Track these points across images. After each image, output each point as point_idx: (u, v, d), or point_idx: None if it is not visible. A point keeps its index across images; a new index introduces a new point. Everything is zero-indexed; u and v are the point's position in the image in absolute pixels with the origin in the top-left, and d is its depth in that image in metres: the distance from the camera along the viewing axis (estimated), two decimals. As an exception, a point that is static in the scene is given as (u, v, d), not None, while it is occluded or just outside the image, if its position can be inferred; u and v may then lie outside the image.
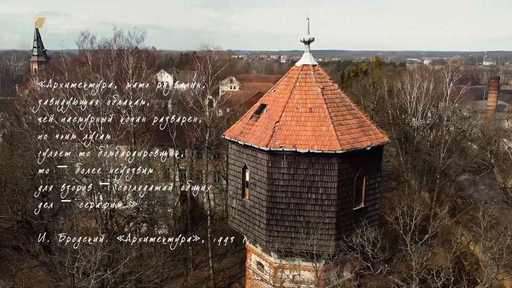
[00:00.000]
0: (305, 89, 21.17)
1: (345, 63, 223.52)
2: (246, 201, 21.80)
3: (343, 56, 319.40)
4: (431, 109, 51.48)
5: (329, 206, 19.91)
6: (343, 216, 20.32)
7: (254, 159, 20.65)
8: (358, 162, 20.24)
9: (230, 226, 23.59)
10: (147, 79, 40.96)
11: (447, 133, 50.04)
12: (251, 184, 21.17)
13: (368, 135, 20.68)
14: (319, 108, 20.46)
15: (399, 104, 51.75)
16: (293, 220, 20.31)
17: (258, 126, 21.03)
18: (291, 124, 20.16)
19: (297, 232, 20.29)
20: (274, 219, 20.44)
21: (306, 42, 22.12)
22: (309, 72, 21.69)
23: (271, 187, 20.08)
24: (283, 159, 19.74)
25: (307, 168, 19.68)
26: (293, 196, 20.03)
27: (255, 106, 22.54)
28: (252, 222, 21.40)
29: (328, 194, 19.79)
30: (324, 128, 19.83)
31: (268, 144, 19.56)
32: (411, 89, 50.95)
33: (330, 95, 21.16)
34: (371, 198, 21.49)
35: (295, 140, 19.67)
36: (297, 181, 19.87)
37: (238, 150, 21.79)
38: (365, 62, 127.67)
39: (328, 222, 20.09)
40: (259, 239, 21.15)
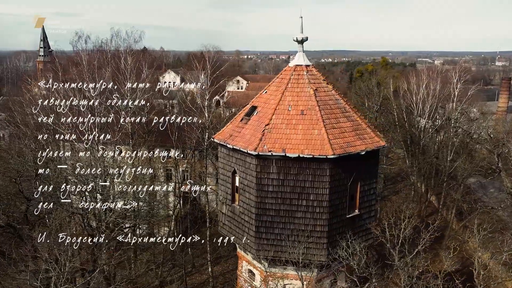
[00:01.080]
0: (297, 90, 20.27)
1: (354, 64, 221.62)
2: (235, 207, 20.97)
3: (353, 56, 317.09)
4: (438, 110, 50.12)
5: (321, 214, 18.98)
6: (336, 224, 19.37)
7: (243, 163, 19.81)
8: (351, 167, 19.28)
9: (220, 232, 22.75)
10: (147, 79, 40.48)
11: (454, 135, 48.66)
12: (241, 189, 20.33)
13: (362, 139, 19.70)
14: (311, 110, 19.54)
15: (405, 105, 50.47)
16: (283, 228, 19.42)
17: (247, 129, 20.18)
18: (281, 127, 19.28)
19: (287, 240, 19.39)
20: (263, 226, 19.57)
21: (299, 41, 21.22)
22: (302, 73, 20.78)
23: (260, 192, 19.21)
24: (272, 164, 18.87)
25: (297, 173, 18.78)
26: (283, 203, 19.14)
27: (246, 108, 21.71)
28: (242, 229, 20.56)
29: (319, 200, 18.86)
30: (316, 132, 18.91)
31: (256, 148, 18.70)
32: (418, 90, 49.66)
33: (323, 97, 20.23)
34: (366, 205, 20.50)
35: (285, 144, 18.77)
36: (287, 187, 18.98)
37: (227, 154, 20.97)
38: (371, 62, 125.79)
39: (320, 230, 19.16)
40: (249, 246, 20.30)
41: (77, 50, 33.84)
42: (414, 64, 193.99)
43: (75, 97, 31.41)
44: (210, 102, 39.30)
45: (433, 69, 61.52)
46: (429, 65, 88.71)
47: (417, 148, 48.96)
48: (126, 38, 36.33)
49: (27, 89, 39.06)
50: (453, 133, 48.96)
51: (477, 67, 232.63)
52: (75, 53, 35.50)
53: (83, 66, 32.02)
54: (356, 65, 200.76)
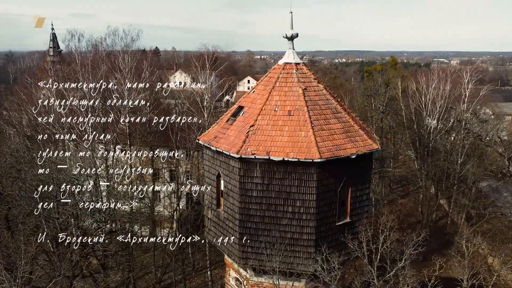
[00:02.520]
0: (285, 90, 19.13)
1: (368, 64, 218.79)
2: (220, 212, 19.93)
3: (367, 56, 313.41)
4: (448, 111, 48.36)
5: (308, 221, 17.81)
6: (324, 232, 18.18)
7: (227, 166, 18.77)
8: (341, 171, 18.06)
9: (206, 238, 21.75)
10: (148, 79, 39.88)
11: (464, 137, 46.90)
12: (225, 194, 19.29)
13: (354, 141, 18.47)
14: (299, 111, 18.39)
15: (414, 106, 48.83)
16: (269, 235, 18.30)
17: (232, 130, 19.13)
18: (266, 129, 18.16)
19: (273, 248, 18.27)
20: (247, 233, 18.48)
21: (289, 38, 20.08)
22: (291, 71, 19.64)
23: (244, 198, 18.13)
24: (256, 168, 17.77)
25: (282, 177, 17.64)
26: (268, 209, 18.02)
27: (232, 108, 20.67)
28: (226, 235, 19.51)
29: (306, 207, 17.69)
30: (303, 134, 17.75)
31: (239, 150, 17.63)
32: (427, 90, 48.00)
33: (313, 96, 19.05)
34: (358, 212, 19.24)
35: (270, 146, 17.66)
36: (272, 192, 17.85)
37: (212, 156, 19.95)
38: (380, 62, 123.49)
39: (307, 239, 17.99)
40: (233, 254, 19.25)
41: (69, 49, 33.25)
42: (429, 64, 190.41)
43: (84, 97, 31.03)
44: (210, 102, 38.47)
45: (443, 68, 59.69)
46: (442, 65, 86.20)
47: (426, 150, 47.32)
48: (124, 36, 35.60)
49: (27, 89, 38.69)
50: (463, 135, 47.20)
51: (495, 67, 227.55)
52: (67, 52, 34.96)
53: (77, 65, 31.38)
54: (370, 65, 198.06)
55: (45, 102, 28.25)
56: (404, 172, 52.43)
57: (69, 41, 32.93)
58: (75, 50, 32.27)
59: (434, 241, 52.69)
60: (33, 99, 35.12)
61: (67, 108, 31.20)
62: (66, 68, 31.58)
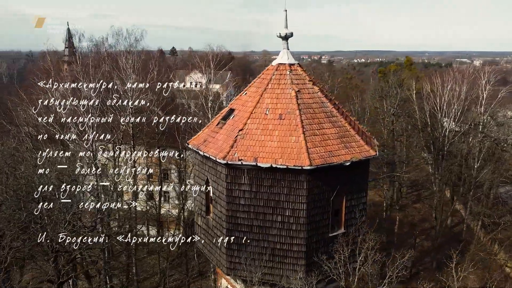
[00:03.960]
0: (278, 92, 18.15)
1: (388, 64, 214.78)
2: (209, 220, 19.08)
3: (387, 56, 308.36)
4: (464, 113, 46.38)
5: (298, 231, 16.79)
6: (316, 243, 17.12)
7: (214, 172, 17.89)
8: (335, 179, 16.98)
9: (197, 246, 20.92)
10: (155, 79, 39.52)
11: (481, 141, 44.90)
12: (213, 201, 18.43)
13: (349, 147, 17.34)
14: (290, 114, 17.38)
15: (429, 108, 46.99)
16: (257, 246, 17.35)
17: (221, 134, 18.24)
18: (256, 133, 17.21)
19: (261, 259, 17.31)
20: (235, 242, 17.57)
21: (283, 37, 19.08)
22: (285, 73, 18.64)
23: (231, 206, 17.23)
24: (244, 174, 16.83)
25: (271, 185, 16.66)
26: (256, 218, 17.07)
27: (223, 110, 19.78)
28: (215, 245, 18.64)
29: (296, 217, 16.67)
30: (293, 139, 16.73)
31: (226, 156, 16.73)
32: (442, 91, 46.08)
33: (306, 99, 18.00)
34: (354, 222, 18.10)
35: (258, 152, 16.70)
36: (260, 200, 16.89)
37: (201, 161, 19.11)
38: (395, 62, 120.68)
39: (297, 250, 16.97)
40: (221, 264, 18.37)
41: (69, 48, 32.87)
42: (450, 64, 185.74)
43: (89, 97, 30.79)
44: (213, 103, 37.68)
45: (461, 69, 57.49)
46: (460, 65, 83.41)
47: (441, 154, 45.48)
48: (127, 36, 35.14)
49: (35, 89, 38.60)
50: (480, 139, 45.21)
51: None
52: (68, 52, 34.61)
53: (77, 65, 31.04)
54: (388, 65, 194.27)
55: (56, 102, 27.96)
56: (417, 176, 50.64)
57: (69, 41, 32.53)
58: (76, 49, 31.79)
59: (448, 248, 50.90)
60: (38, 99, 34.85)
61: (80, 108, 31.03)
62: (66, 68, 31.17)
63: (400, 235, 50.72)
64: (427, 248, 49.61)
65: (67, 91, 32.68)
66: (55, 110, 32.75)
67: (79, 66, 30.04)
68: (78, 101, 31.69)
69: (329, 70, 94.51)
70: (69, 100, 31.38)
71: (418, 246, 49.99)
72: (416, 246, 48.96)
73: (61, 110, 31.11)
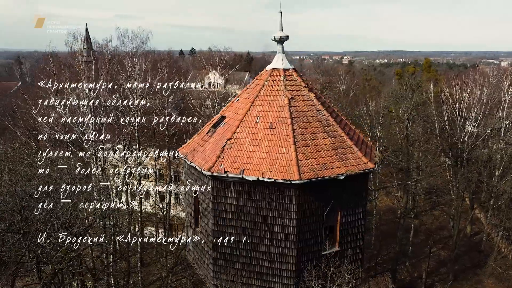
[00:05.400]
0: (270, 99, 17.04)
1: (415, 64, 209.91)
2: (198, 232, 18.13)
3: (411, 57, 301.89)
4: (485, 118, 44.16)
5: (287, 249, 15.65)
6: (307, 261, 15.93)
7: (202, 183, 16.92)
8: (328, 193, 15.77)
9: (187, 258, 20.03)
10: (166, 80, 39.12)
11: (504, 148, 42.66)
12: (201, 213, 17.48)
13: (344, 159, 16.09)
14: (282, 123, 16.25)
15: (447, 112, 44.92)
16: (245, 263, 16.30)
17: (210, 143, 17.26)
18: (244, 143, 16.15)
19: (249, 277, 16.26)
20: (222, 258, 16.56)
21: (278, 41, 17.95)
22: (279, 78, 17.52)
23: (218, 220, 16.23)
24: (230, 187, 15.81)
25: (259, 199, 15.58)
26: (243, 233, 16.02)
27: (215, 117, 18.80)
28: (203, 259, 17.69)
29: (285, 233, 15.54)
30: (283, 150, 15.60)
31: (211, 167, 15.73)
32: (461, 95, 43.95)
33: (300, 107, 16.84)
34: (350, 239, 16.83)
35: (246, 163, 15.64)
36: (247, 215, 15.83)
37: (190, 170, 18.18)
38: (413, 64, 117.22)
39: (287, 269, 15.83)
40: (208, 280, 17.39)
41: (72, 51, 32.58)
42: (475, 65, 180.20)
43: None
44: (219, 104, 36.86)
45: (483, 70, 55.04)
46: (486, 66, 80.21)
47: (460, 161, 43.39)
48: (133, 38, 34.62)
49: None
50: (502, 145, 42.97)
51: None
52: (70, 54, 34.35)
53: (79, 68, 30.63)
54: (416, 65, 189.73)
55: (56, 102, 27.71)
56: (433, 183, 48.56)
57: (72, 43, 32.19)
58: (78, 52, 31.42)
59: (467, 258, 48.55)
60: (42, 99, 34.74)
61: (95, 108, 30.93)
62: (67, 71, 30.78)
63: (415, 243, 48.77)
64: (444, 258, 47.51)
65: (84, 91, 32.64)
66: (73, 111, 32.78)
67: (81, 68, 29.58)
68: (94, 102, 31.65)
69: (347, 71, 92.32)
70: (84, 100, 31.31)
71: (434, 255, 47.95)
72: (432, 256, 46.94)
73: (81, 110, 31.15)
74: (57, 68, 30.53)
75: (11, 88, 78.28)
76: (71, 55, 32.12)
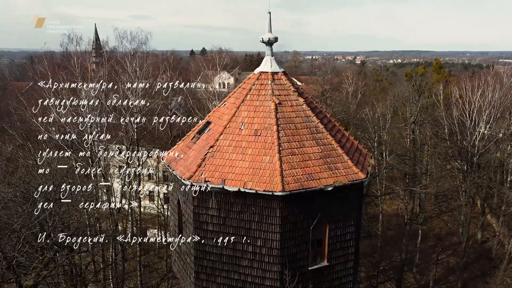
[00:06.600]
0: (256, 104, 16.15)
1: (425, 65, 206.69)
2: (181, 242, 17.34)
3: (426, 57, 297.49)
4: (496, 121, 42.56)
5: (271, 264, 14.74)
6: (293, 277, 14.99)
7: (184, 193, 16.13)
8: (316, 205, 14.82)
9: (172, 269, 19.26)
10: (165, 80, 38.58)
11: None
12: (184, 224, 16.67)
13: (333, 169, 15.12)
14: (267, 130, 15.35)
15: (457, 115, 43.42)
16: (227, 277, 15.44)
17: (193, 150, 16.45)
18: (227, 151, 15.29)
19: (232, 292, 15.41)
20: (203, 272, 15.73)
21: (266, 43, 17.04)
22: (266, 82, 16.61)
23: (199, 231, 15.40)
24: (211, 197, 14.96)
25: (240, 211, 14.71)
26: (225, 247, 15.15)
27: (201, 123, 17.97)
28: (186, 271, 16.89)
29: (268, 247, 14.64)
30: (267, 158, 14.70)
31: (192, 176, 14.91)
32: (472, 97, 42.41)
33: (288, 113, 15.91)
34: (340, 254, 15.83)
35: (228, 172, 14.78)
36: (229, 228, 14.97)
37: (174, 178, 17.38)
38: (423, 64, 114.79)
39: (270, 285, 14.93)
40: (190, 294, 16.58)
41: (67, 52, 32.16)
42: (491, 66, 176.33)
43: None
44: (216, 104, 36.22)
45: (497, 71, 53.31)
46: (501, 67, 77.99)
47: (469, 165, 41.89)
48: (131, 39, 34.13)
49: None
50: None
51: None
52: (64, 55, 33.96)
53: (75, 69, 30.17)
54: (426, 66, 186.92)
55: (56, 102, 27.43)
56: (441, 188, 47.11)
57: (67, 44, 31.73)
58: (73, 53, 30.96)
59: (477, 266, 46.95)
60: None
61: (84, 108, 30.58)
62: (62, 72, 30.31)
63: (423, 249, 47.37)
64: (453, 265, 46.03)
65: (94, 90, 32.26)
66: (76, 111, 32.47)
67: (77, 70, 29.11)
68: (98, 102, 31.31)
69: (358, 71, 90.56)
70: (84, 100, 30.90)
71: (442, 262, 46.52)
72: (440, 263, 45.53)
73: (85, 110, 30.82)
74: (51, 69, 30.02)
75: (23, 87, 78.72)
76: (69, 56, 31.65)
